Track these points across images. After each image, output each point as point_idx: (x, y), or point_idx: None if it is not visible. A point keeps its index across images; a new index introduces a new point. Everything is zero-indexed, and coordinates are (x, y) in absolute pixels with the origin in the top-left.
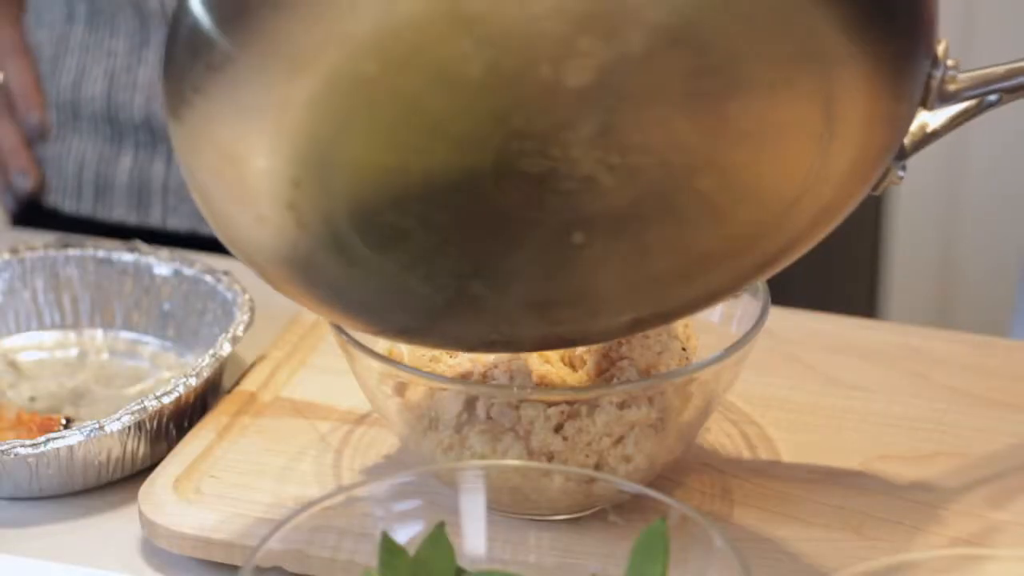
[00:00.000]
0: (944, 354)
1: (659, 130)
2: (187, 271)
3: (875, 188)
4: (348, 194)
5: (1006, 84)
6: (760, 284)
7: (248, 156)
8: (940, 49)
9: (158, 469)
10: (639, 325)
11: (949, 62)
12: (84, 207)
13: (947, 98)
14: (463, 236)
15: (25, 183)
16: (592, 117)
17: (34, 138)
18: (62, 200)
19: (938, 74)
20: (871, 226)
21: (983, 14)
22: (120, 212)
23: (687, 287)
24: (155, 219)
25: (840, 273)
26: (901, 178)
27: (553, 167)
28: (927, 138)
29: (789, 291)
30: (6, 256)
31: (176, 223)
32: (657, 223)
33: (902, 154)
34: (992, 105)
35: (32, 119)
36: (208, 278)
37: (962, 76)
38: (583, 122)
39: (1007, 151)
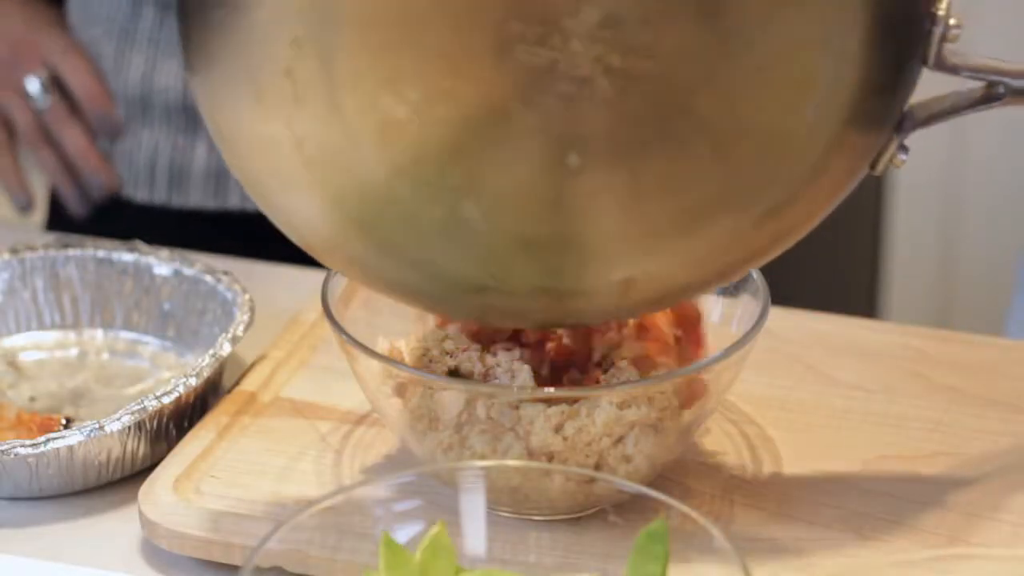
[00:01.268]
0: (944, 354)
1: (662, 31)
2: (187, 271)
3: (874, 166)
4: (345, 64)
5: (1012, 81)
6: (760, 284)
7: (249, 22)
8: (943, 6)
9: (158, 469)
10: (632, 292)
11: (952, 20)
12: (158, 196)
13: (947, 67)
14: (456, 135)
15: (101, 185)
16: (594, 5)
17: (108, 137)
18: (134, 190)
19: (938, 30)
20: (871, 226)
21: (983, 14)
22: (197, 198)
23: (682, 243)
24: (234, 202)
25: (840, 273)
26: (903, 160)
27: (553, 60)
28: (930, 119)
29: (789, 291)
30: (6, 256)
31: (256, 205)
32: (655, 152)
33: (902, 126)
34: (997, 99)
35: (105, 119)
36: (208, 278)
37: (968, 57)
38: (586, 8)
39: (1007, 151)
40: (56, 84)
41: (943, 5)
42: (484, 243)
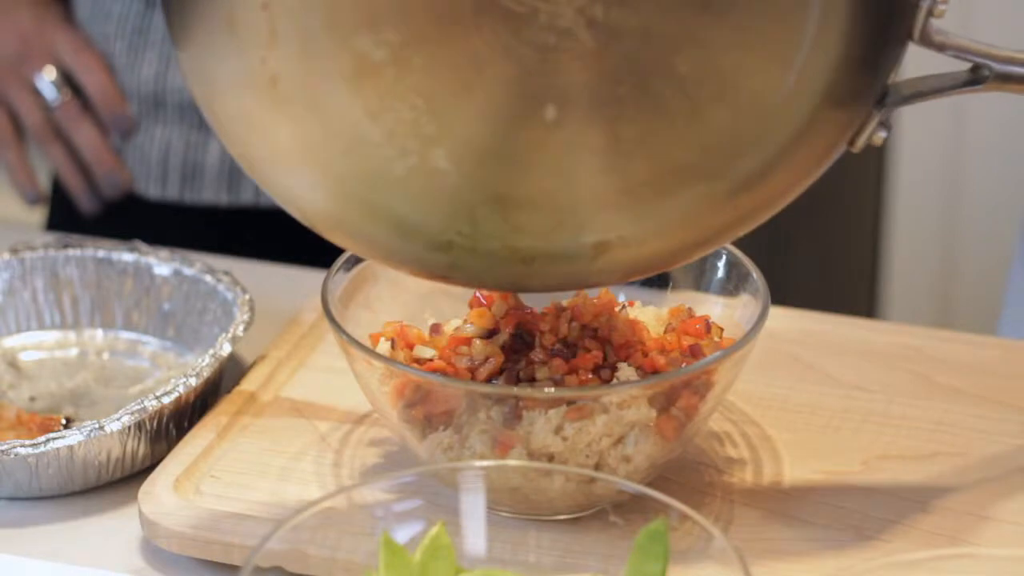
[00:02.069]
0: (944, 354)
1: None
2: (187, 271)
3: (853, 141)
4: (324, 1)
5: (996, 65)
6: (760, 284)
7: None
8: None
9: (158, 469)
10: (603, 258)
11: None
12: (170, 192)
13: (933, 44)
14: (433, 83)
15: (113, 182)
16: None
17: (121, 134)
18: (146, 186)
19: (925, 3)
20: (871, 226)
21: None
22: (210, 194)
23: (656, 209)
24: (247, 198)
25: (840, 273)
26: (883, 138)
27: (534, 8)
28: (911, 97)
29: (789, 291)
30: (6, 256)
31: (269, 200)
32: (633, 110)
33: (884, 101)
34: (980, 83)
35: (118, 117)
36: (208, 278)
37: (954, 35)
38: None
39: (1007, 151)
40: (68, 81)
41: None
42: (454, 196)
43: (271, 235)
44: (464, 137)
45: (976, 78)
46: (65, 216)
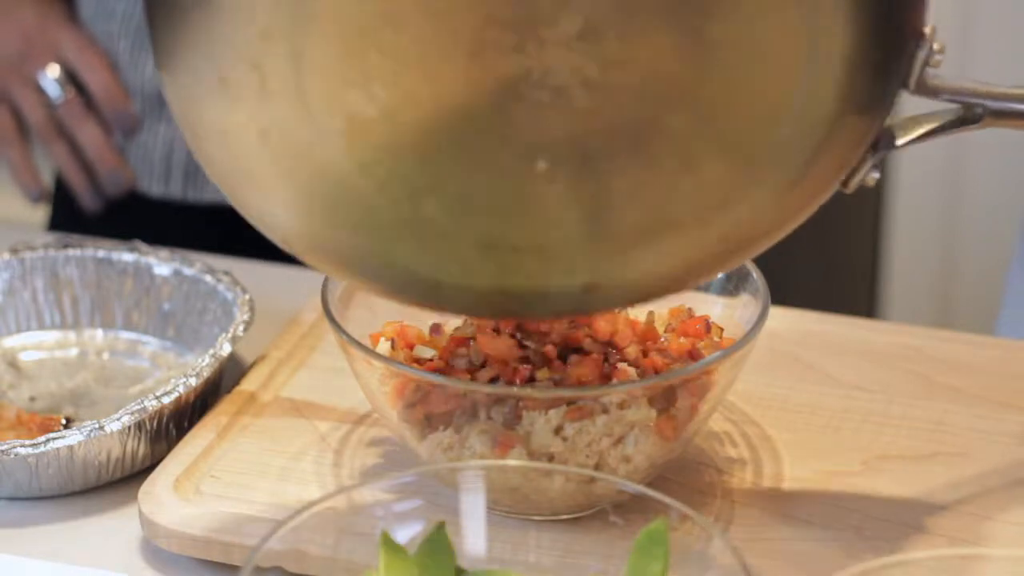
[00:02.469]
0: (944, 354)
1: (639, 45)
2: (187, 271)
3: (846, 183)
4: (315, 59)
5: (992, 104)
6: (760, 284)
7: (218, 11)
8: (927, 30)
9: (158, 469)
10: (593, 295)
11: (935, 45)
12: (173, 190)
13: (928, 91)
14: (424, 137)
15: (118, 182)
16: (572, 14)
17: (124, 133)
18: (149, 184)
19: (922, 54)
20: (871, 226)
21: (982, 16)
22: (212, 193)
23: (647, 253)
24: None
25: (840, 273)
26: (875, 179)
27: (527, 68)
28: (907, 142)
29: (789, 291)
30: (6, 256)
31: None
32: (624, 163)
33: (878, 146)
34: (976, 121)
35: (121, 116)
36: (208, 278)
37: (949, 80)
38: (564, 19)
39: (1007, 151)
40: (71, 79)
41: (928, 29)
42: (443, 241)
43: None
44: (455, 188)
45: (970, 116)
46: (67, 214)
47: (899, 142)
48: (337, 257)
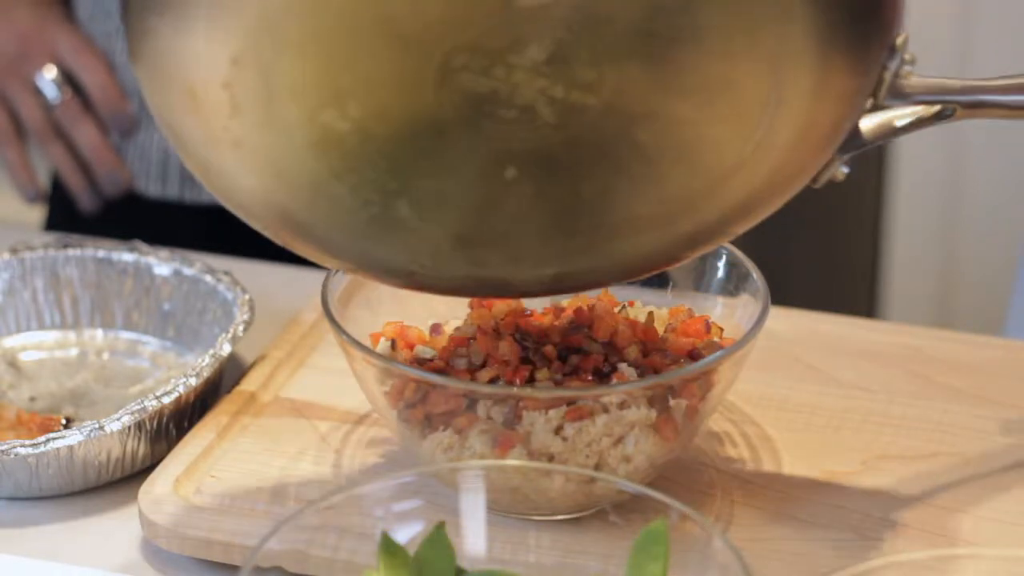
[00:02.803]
0: (944, 354)
1: (606, 68)
2: (187, 271)
3: (815, 180)
4: (286, 81)
5: (961, 98)
6: (760, 284)
7: (188, 35)
8: (899, 41)
9: (158, 469)
10: (563, 282)
11: (906, 56)
12: (170, 191)
13: (900, 95)
14: (395, 148)
15: (115, 183)
16: (540, 42)
17: (121, 134)
18: (146, 185)
19: (893, 65)
20: (871, 226)
21: (982, 16)
22: (210, 194)
23: (615, 247)
24: None
25: (840, 273)
26: (845, 173)
27: (495, 89)
28: (876, 139)
29: (789, 291)
30: (6, 256)
31: None
32: (592, 172)
33: (848, 146)
34: (948, 116)
35: (119, 116)
36: (208, 278)
37: (917, 79)
38: (531, 45)
39: (1007, 150)
40: (69, 80)
41: (900, 40)
42: (415, 237)
43: None
44: (425, 191)
45: (942, 112)
46: (65, 215)
47: (869, 140)
48: (313, 247)
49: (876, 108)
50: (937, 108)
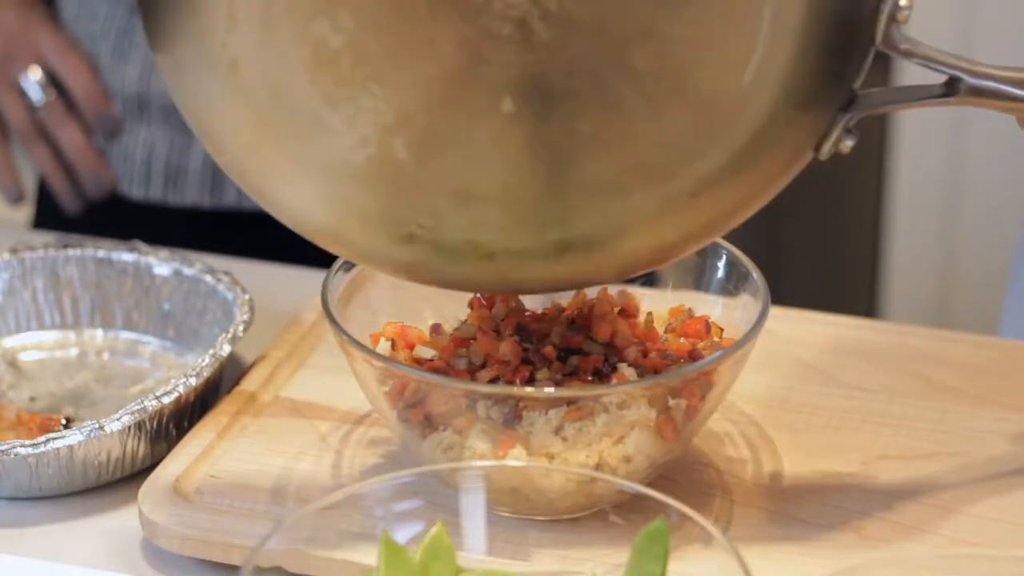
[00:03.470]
0: (944, 354)
1: None
2: (187, 271)
3: (819, 148)
4: None
5: (969, 79)
6: (760, 284)
7: None
8: None
9: (158, 469)
10: (566, 253)
11: (902, 1)
12: (154, 193)
13: (899, 51)
14: (389, 72)
15: (99, 184)
16: None
17: (105, 135)
18: (130, 187)
19: (887, 7)
20: (871, 226)
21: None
22: (193, 196)
23: (615, 209)
24: (230, 200)
25: (840, 273)
26: (849, 146)
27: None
28: (879, 105)
29: (789, 291)
30: (6, 256)
31: (252, 203)
32: (588, 105)
33: (849, 107)
34: (952, 96)
35: (103, 118)
36: (208, 278)
37: (924, 44)
38: None
39: (1007, 150)
40: (53, 81)
41: None
42: (414, 186)
43: (256, 237)
44: (422, 126)
45: (949, 91)
46: (50, 216)
47: (872, 105)
48: (314, 214)
49: (882, 49)
50: (942, 83)
